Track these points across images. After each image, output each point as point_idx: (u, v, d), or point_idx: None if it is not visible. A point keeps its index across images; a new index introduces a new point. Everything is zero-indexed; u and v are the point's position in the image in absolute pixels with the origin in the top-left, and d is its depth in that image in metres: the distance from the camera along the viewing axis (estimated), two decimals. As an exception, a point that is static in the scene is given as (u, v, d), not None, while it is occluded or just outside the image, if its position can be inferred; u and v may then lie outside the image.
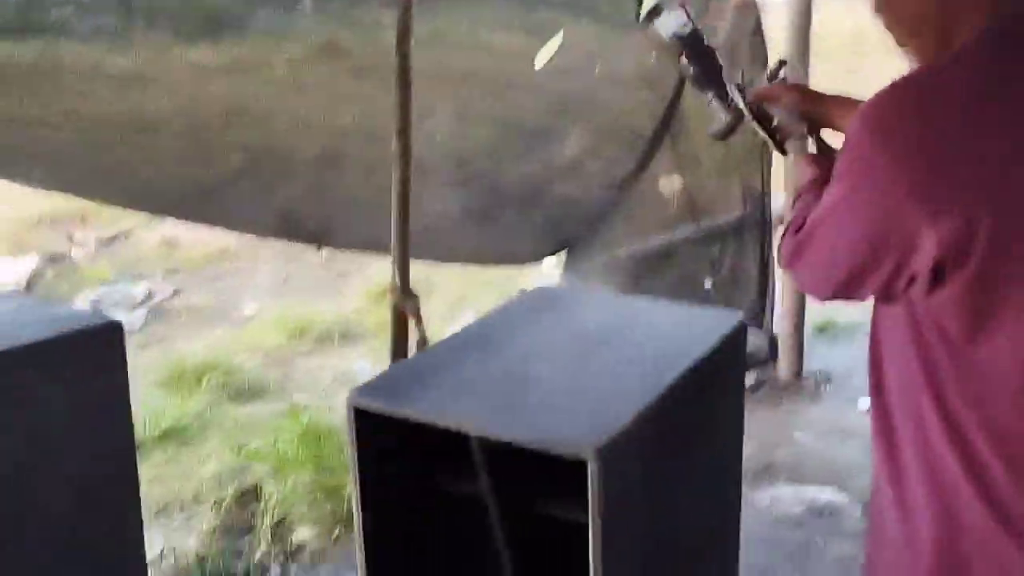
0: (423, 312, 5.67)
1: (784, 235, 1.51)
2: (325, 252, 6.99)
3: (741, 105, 1.71)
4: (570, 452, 1.54)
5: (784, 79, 1.78)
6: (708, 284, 4.79)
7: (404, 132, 2.65)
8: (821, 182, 1.53)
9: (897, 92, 1.25)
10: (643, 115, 3.96)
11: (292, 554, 3.22)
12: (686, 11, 1.71)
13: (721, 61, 1.75)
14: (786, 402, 4.25)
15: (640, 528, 1.71)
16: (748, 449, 3.81)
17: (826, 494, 3.43)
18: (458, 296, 6.06)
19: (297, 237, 4.09)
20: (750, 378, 4.44)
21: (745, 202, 4.59)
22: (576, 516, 1.60)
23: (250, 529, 3.36)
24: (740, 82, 1.74)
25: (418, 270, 6.04)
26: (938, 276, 1.22)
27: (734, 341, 2.04)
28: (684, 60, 1.73)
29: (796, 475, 3.62)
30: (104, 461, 2.32)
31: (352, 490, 1.79)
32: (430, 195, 3.76)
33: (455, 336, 2.19)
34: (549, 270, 5.30)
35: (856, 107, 1.70)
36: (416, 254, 3.96)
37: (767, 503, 3.44)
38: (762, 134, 1.71)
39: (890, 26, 1.37)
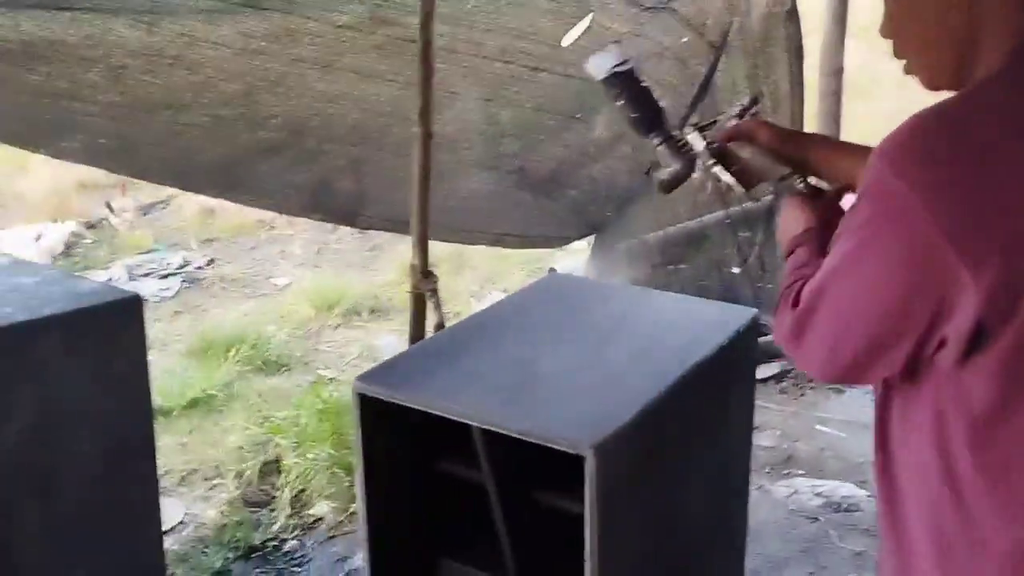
0: (452, 290, 5.73)
1: (778, 305, 1.31)
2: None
3: (699, 147, 1.54)
4: (568, 447, 1.55)
5: (756, 115, 1.62)
6: (736, 270, 4.75)
7: (425, 113, 2.65)
8: (817, 232, 1.41)
9: (928, 127, 1.09)
10: (673, 97, 3.91)
11: (309, 528, 3.27)
12: (623, 55, 1.53)
13: (661, 102, 1.58)
14: (809, 394, 4.21)
15: (638, 521, 1.72)
16: (768, 440, 3.82)
17: (844, 489, 3.40)
18: (488, 275, 6.07)
19: (328, 215, 4.12)
20: (774, 368, 4.41)
21: (777, 187, 4.53)
22: (574, 507, 1.61)
23: (269, 501, 3.42)
24: (698, 120, 1.60)
25: (450, 248, 6.09)
26: (976, 338, 1.07)
27: (746, 337, 2.03)
28: (620, 103, 1.56)
29: (815, 468, 3.60)
30: (122, 432, 2.37)
31: (357, 472, 1.81)
32: (458, 176, 3.77)
33: (465, 323, 2.20)
34: (579, 252, 5.29)
35: (842, 152, 1.55)
36: (442, 236, 3.98)
37: (785, 495, 3.42)
38: (726, 178, 1.54)
39: (901, 51, 1.24)
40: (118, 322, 2.32)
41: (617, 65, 1.52)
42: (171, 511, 3.27)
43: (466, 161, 3.61)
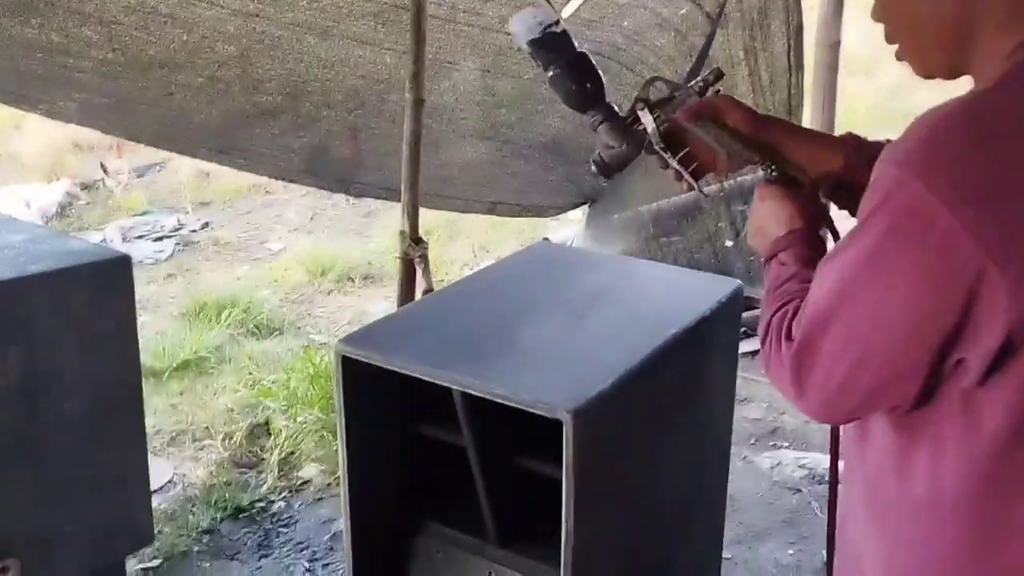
0: (446, 258, 5.73)
1: (764, 338, 1.17)
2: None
3: (649, 127, 1.34)
4: (547, 411, 1.56)
5: (718, 92, 1.42)
6: (730, 243, 4.77)
7: (417, 78, 2.64)
8: (804, 234, 1.26)
9: (957, 132, 1.00)
10: (670, 69, 3.89)
11: (297, 490, 3.30)
12: (551, 4, 1.33)
13: (600, 71, 1.36)
14: (798, 367, 4.23)
15: (616, 486, 1.74)
16: (755, 412, 3.85)
17: (827, 461, 3.43)
18: (482, 244, 6.08)
19: (322, 181, 4.11)
20: (764, 341, 4.43)
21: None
22: (554, 472, 1.63)
23: (258, 463, 3.45)
24: (647, 96, 1.37)
25: (443, 217, 6.09)
26: (1000, 356, 0.98)
27: (729, 308, 2.04)
28: (552, 73, 1.33)
29: (800, 440, 3.63)
30: (110, 392, 2.38)
31: (339, 434, 1.83)
32: (454, 146, 3.76)
33: (450, 288, 2.22)
34: (575, 223, 5.30)
35: (809, 140, 1.40)
36: (435, 204, 3.98)
37: (769, 466, 3.45)
38: (674, 165, 1.35)
39: (893, 36, 1.17)
40: (106, 282, 2.32)
41: (548, 26, 1.31)
42: (160, 471, 3.29)
43: (462, 131, 3.60)
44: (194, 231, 6.34)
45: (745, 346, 4.34)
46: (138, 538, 2.61)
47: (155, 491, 3.13)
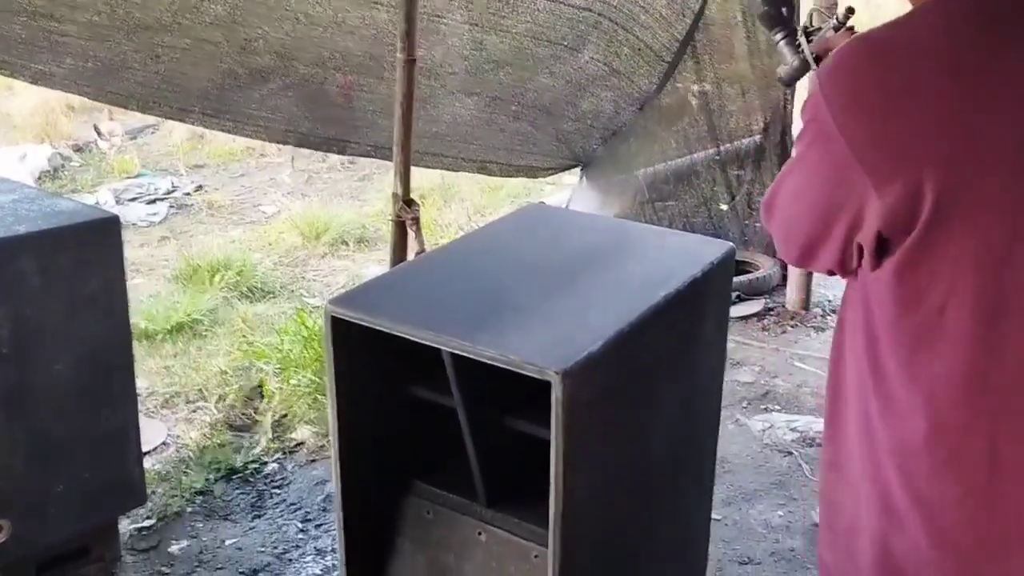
0: (441, 222, 5.72)
1: None
2: (348, 156, 7.02)
3: (806, 53, 1.60)
4: (535, 372, 1.56)
5: (851, 28, 1.63)
6: (725, 207, 4.76)
7: (409, 37, 2.61)
8: None
9: (856, 55, 1.20)
10: (664, 28, 3.86)
11: (290, 452, 3.31)
12: None
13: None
14: (791, 331, 4.24)
15: (604, 448, 1.74)
16: (747, 376, 3.86)
17: (819, 424, 3.44)
18: (477, 207, 6.06)
19: (316, 143, 4.08)
20: (759, 304, 4.44)
21: (766, 126, 4.50)
22: (543, 433, 1.63)
23: (251, 425, 3.46)
24: (808, 24, 1.64)
25: (438, 180, 6.06)
26: (881, 247, 1.20)
27: (721, 270, 2.03)
28: None
29: (792, 404, 3.64)
30: (100, 353, 2.38)
31: (329, 394, 1.83)
32: (441, 101, 3.72)
33: (442, 250, 2.21)
34: (570, 187, 5.27)
35: None
36: (426, 162, 3.95)
37: (760, 429, 3.47)
38: None
39: None
40: (95, 242, 2.31)
41: None
42: (154, 432, 3.30)
43: (450, 86, 3.56)
44: (188, 194, 6.31)
45: (738, 310, 4.36)
46: (131, 498, 2.62)
47: (148, 452, 3.14)
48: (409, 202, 2.84)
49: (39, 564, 2.46)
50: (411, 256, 2.92)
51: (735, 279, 4.19)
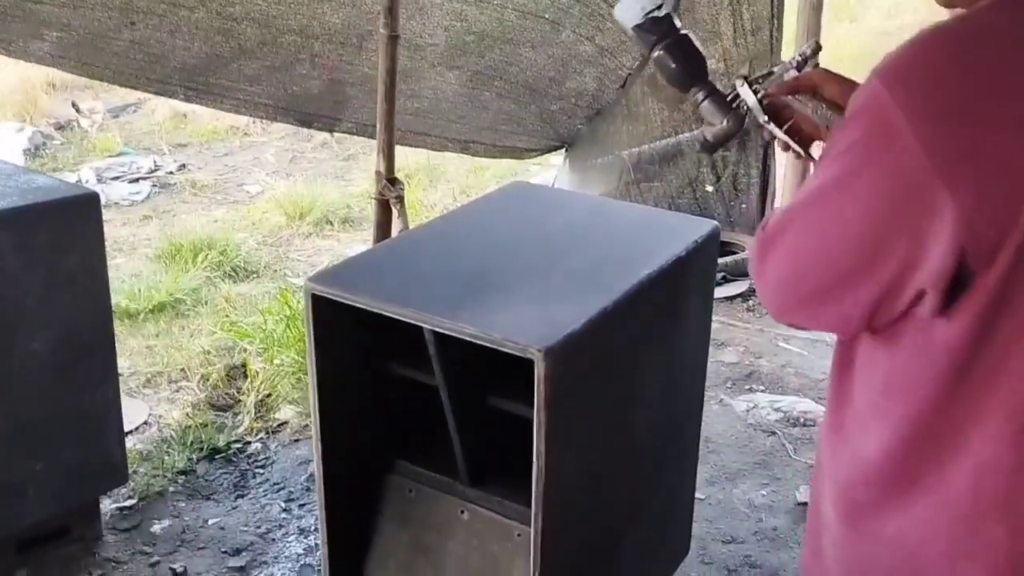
0: (426, 202, 5.69)
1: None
2: (334, 135, 6.98)
3: (751, 102, 1.39)
4: (518, 350, 1.55)
5: (816, 65, 1.45)
6: (710, 188, 4.75)
7: (392, 13, 2.58)
8: None
9: (930, 51, 1.02)
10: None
11: (273, 431, 3.29)
12: None
13: (702, 49, 1.44)
14: (776, 312, 4.25)
15: (587, 426, 1.74)
16: (732, 356, 3.87)
17: (803, 404, 3.46)
18: (463, 188, 6.03)
19: (303, 120, 4.03)
20: (744, 285, 4.44)
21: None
22: (526, 412, 1.63)
23: (234, 405, 3.44)
24: (748, 73, 1.45)
25: (424, 161, 6.02)
26: (956, 284, 0.99)
27: (705, 249, 2.03)
28: (657, 54, 1.41)
29: (776, 384, 3.65)
30: (79, 331, 2.36)
31: (310, 372, 1.82)
32: (422, 73, 3.67)
33: (424, 227, 2.19)
34: (556, 168, 5.25)
35: None
36: (408, 140, 3.92)
37: (744, 409, 3.48)
38: (782, 137, 1.40)
39: None
40: (74, 220, 2.29)
41: (652, 9, 1.39)
42: (135, 412, 3.28)
43: (431, 59, 3.52)
44: (171, 173, 6.25)
45: (724, 291, 4.36)
46: (112, 477, 2.61)
47: (130, 432, 3.12)
48: (393, 181, 2.81)
49: (19, 543, 2.45)
50: (395, 235, 2.91)
51: (720, 260, 4.19)
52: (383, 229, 2.89)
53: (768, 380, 3.69)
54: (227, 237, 4.93)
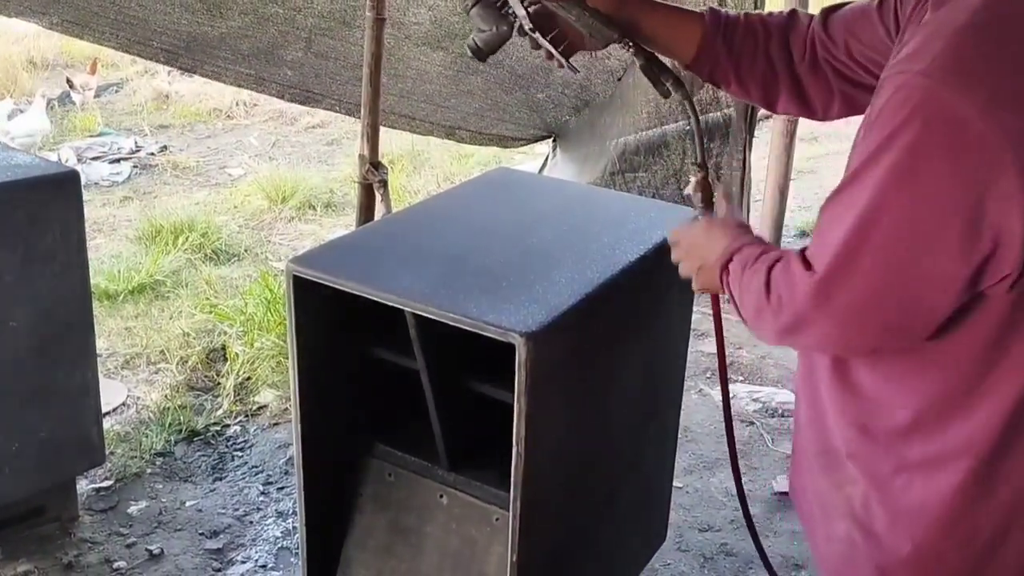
0: (410, 188, 5.67)
1: (766, 290, 1.18)
2: (317, 120, 6.93)
3: (519, 11, 1.39)
4: (499, 335, 1.55)
5: None
6: (693, 179, 4.75)
7: (379, -3, 2.57)
8: (751, 241, 1.29)
9: (968, 36, 1.03)
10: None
11: (253, 415, 3.28)
12: None
13: None
14: (756, 303, 4.27)
15: (567, 411, 1.74)
16: (712, 347, 3.86)
17: (781, 395, 3.48)
18: (447, 175, 6.02)
19: (291, 93, 3.97)
20: (725, 277, 4.45)
21: (736, 99, 4.51)
22: (506, 396, 1.63)
23: (214, 387, 3.42)
24: None
25: (408, 147, 6.00)
26: None
27: (687, 237, 2.03)
28: None
29: (755, 375, 3.67)
30: (57, 310, 2.34)
31: (290, 354, 1.81)
32: (404, 52, 3.63)
33: (406, 211, 2.19)
34: (542, 157, 5.25)
35: (671, 15, 1.46)
36: (391, 122, 3.88)
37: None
38: (545, 45, 1.41)
39: None
40: (53, 197, 2.27)
41: None
42: (114, 393, 3.26)
43: (414, 37, 3.48)
44: (152, 154, 6.20)
45: (705, 282, 4.38)
46: (89, 457, 2.59)
47: (108, 413, 3.10)
48: (377, 165, 2.81)
49: (-6, 522, 2.43)
50: (378, 219, 2.90)
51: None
52: (366, 213, 2.88)
53: (747, 371, 3.71)
54: (208, 220, 4.89)
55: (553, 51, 1.42)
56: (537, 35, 1.40)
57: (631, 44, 1.41)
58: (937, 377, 1.14)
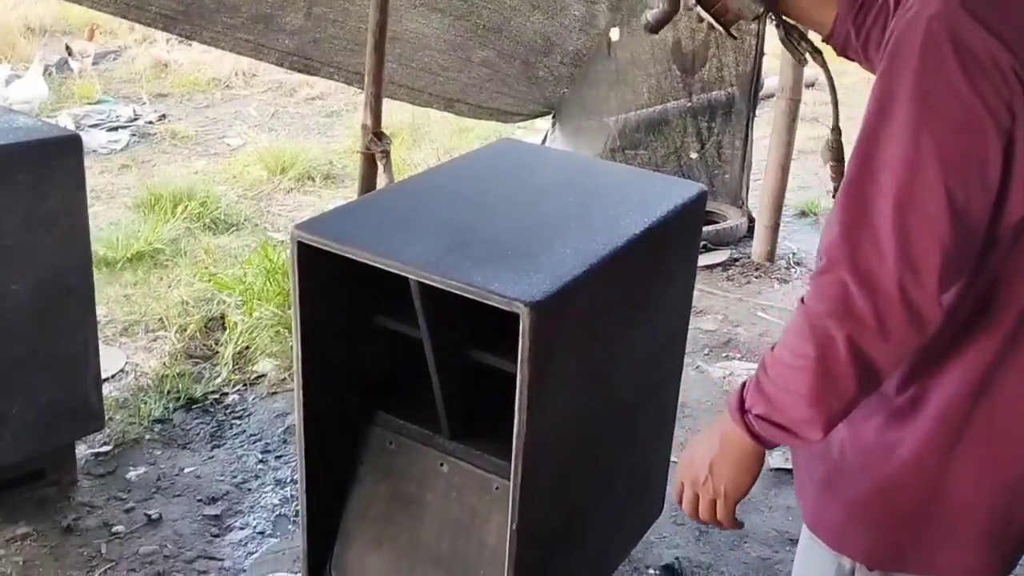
0: (410, 162, 5.65)
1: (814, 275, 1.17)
2: (317, 91, 6.90)
3: None
4: (504, 304, 1.55)
5: None
6: (695, 155, 4.75)
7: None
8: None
9: None
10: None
11: (251, 383, 3.29)
12: None
13: None
14: (755, 282, 4.27)
15: (570, 382, 1.75)
16: (710, 324, 3.89)
17: (778, 373, 3.49)
18: (447, 148, 6.00)
19: (291, 61, 3.94)
20: (724, 254, 4.46)
21: (738, 78, 4.50)
22: (508, 367, 1.63)
23: (212, 356, 3.43)
24: None
25: (408, 120, 5.97)
26: None
27: (690, 210, 2.04)
28: None
29: (753, 353, 3.68)
30: (58, 273, 2.34)
31: (293, 320, 1.81)
32: (405, 16, 3.60)
33: (411, 180, 2.18)
34: (543, 133, 5.23)
35: None
36: (391, 92, 3.85)
37: (721, 376, 3.51)
38: (707, 17, 1.49)
39: None
40: (54, 160, 2.25)
41: None
42: (113, 359, 3.26)
43: (417, 10, 3.44)
44: (150, 123, 6.17)
45: (704, 260, 4.38)
46: (89, 422, 2.60)
47: (107, 379, 3.09)
48: (379, 135, 2.80)
49: (-6, 485, 2.44)
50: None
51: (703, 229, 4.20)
52: (368, 184, 2.87)
53: (745, 348, 3.72)
54: (207, 189, 4.88)
55: (715, 23, 1.49)
56: (699, 8, 1.48)
57: (774, 16, 1.48)
58: None
